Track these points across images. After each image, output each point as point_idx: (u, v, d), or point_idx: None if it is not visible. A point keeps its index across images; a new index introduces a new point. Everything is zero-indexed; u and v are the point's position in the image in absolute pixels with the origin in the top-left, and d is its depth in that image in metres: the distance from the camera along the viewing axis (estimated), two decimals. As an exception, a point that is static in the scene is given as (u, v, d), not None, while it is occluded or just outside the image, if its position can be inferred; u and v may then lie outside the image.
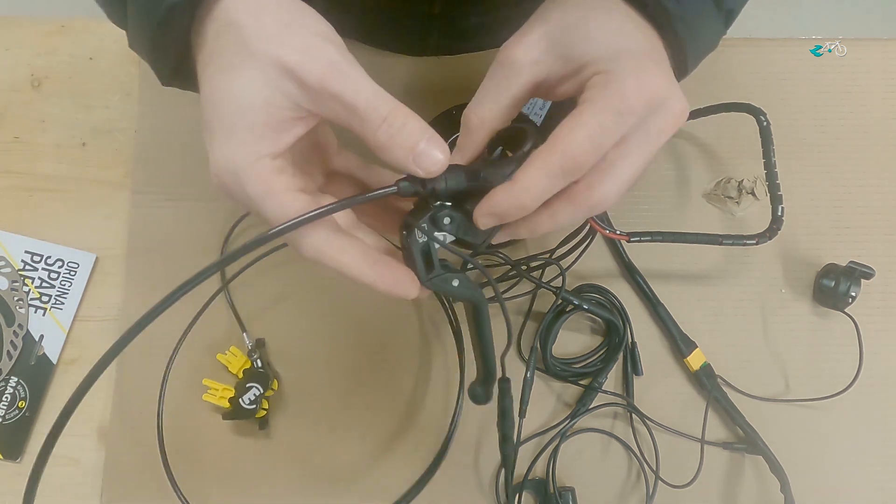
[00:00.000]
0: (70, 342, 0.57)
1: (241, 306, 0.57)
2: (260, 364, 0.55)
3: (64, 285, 0.57)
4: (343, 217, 0.36)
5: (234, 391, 0.54)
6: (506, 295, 0.57)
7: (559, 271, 0.53)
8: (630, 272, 0.58)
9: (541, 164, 0.31)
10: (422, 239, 0.34)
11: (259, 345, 0.56)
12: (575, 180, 0.32)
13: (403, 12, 0.57)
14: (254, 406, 0.53)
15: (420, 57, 0.62)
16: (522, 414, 0.51)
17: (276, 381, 0.56)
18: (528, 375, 0.52)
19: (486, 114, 0.36)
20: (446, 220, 0.34)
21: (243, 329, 0.56)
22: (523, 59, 0.34)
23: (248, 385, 0.54)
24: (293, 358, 0.57)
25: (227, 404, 0.54)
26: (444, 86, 0.61)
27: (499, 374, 0.42)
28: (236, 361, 0.55)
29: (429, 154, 0.31)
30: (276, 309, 0.58)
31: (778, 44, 0.63)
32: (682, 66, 0.38)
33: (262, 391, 0.54)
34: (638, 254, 0.58)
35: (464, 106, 0.56)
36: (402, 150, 0.31)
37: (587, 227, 0.53)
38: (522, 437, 0.56)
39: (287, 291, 0.58)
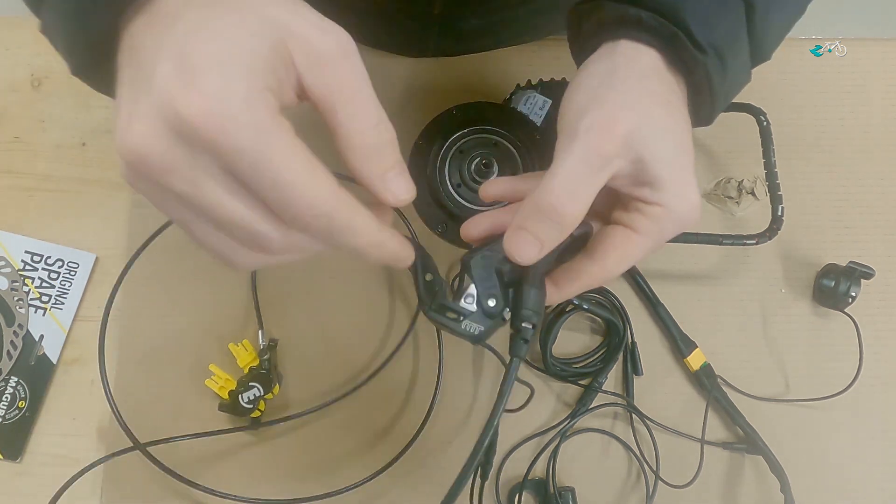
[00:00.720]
0: (70, 342, 0.57)
1: (266, 304, 0.57)
2: (267, 365, 0.55)
3: (64, 285, 0.57)
4: None
5: (235, 385, 0.54)
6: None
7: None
8: (630, 272, 0.58)
9: (587, 281, 0.35)
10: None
11: (271, 346, 0.56)
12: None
13: (403, 13, 0.57)
14: (251, 406, 0.53)
15: (419, 58, 0.62)
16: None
17: (277, 385, 0.55)
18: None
19: (579, 209, 0.32)
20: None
21: (261, 326, 0.56)
22: (613, 153, 0.32)
23: (250, 384, 0.54)
24: (301, 365, 0.57)
25: (225, 396, 0.54)
26: (444, 87, 0.61)
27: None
28: (246, 356, 0.55)
29: (404, 182, 0.29)
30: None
31: (778, 44, 0.63)
32: (705, 120, 0.38)
33: (262, 393, 0.54)
34: (638, 254, 0.58)
35: (463, 106, 0.57)
36: (381, 163, 0.29)
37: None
38: (522, 437, 0.56)
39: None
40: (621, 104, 0.32)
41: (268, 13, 0.26)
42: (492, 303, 0.33)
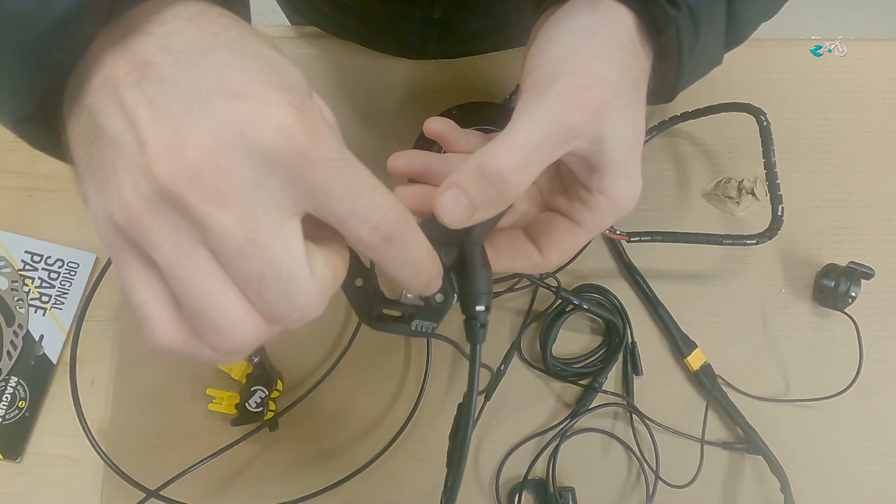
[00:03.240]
0: (70, 342, 0.57)
1: None
2: (262, 366, 0.55)
3: (64, 285, 0.57)
4: None
5: (239, 397, 0.54)
6: (505, 294, 0.57)
7: (559, 270, 0.53)
8: (630, 272, 0.58)
9: (524, 268, 0.35)
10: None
11: (259, 348, 0.56)
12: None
13: (403, 17, 0.57)
14: (261, 409, 0.53)
15: (420, 60, 0.62)
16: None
17: (279, 381, 0.56)
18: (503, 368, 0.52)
19: (526, 181, 0.29)
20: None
21: None
22: (581, 127, 0.29)
23: (252, 388, 0.54)
24: (294, 356, 0.57)
25: (234, 411, 0.54)
26: (444, 87, 0.61)
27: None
28: (238, 367, 0.55)
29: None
30: None
31: (778, 44, 0.63)
32: (666, 96, 0.36)
33: (267, 393, 0.54)
34: (638, 254, 0.58)
35: (464, 107, 0.57)
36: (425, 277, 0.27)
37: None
38: (521, 437, 0.56)
39: None
40: (599, 74, 0.29)
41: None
42: (439, 297, 0.30)
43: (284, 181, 0.23)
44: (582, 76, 0.29)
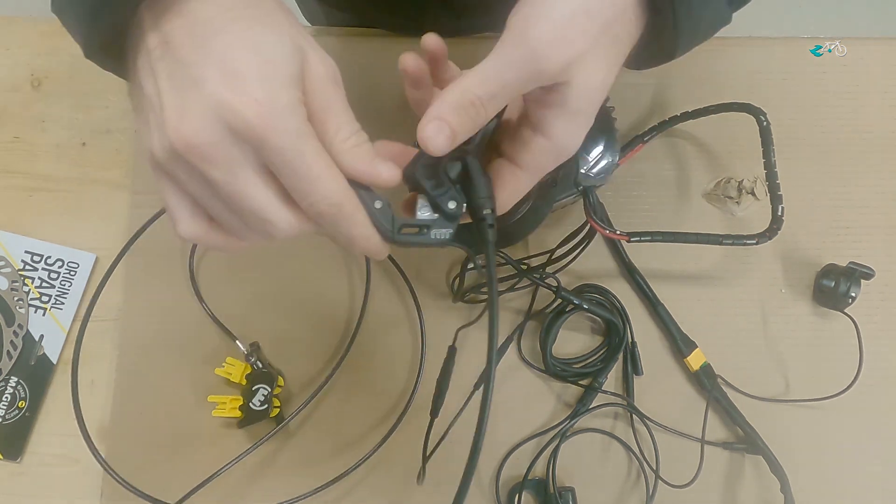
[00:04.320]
0: (70, 342, 0.57)
1: (223, 316, 0.57)
2: (261, 365, 0.55)
3: (64, 285, 0.57)
4: None
5: (242, 399, 0.54)
6: (505, 294, 0.57)
7: (559, 270, 0.53)
8: (630, 272, 0.58)
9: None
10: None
11: (255, 348, 0.56)
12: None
13: None
14: (265, 406, 0.53)
15: (418, 38, 0.61)
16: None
17: (280, 377, 0.56)
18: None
19: (496, 109, 0.34)
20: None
21: (234, 338, 0.56)
22: (552, 73, 0.32)
23: (254, 388, 0.54)
24: (291, 351, 0.57)
25: (238, 413, 0.54)
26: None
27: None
28: (236, 370, 0.55)
29: (388, 167, 0.34)
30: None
31: (778, 44, 0.63)
32: (668, 52, 0.36)
33: (269, 390, 0.54)
34: (638, 254, 0.58)
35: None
36: (367, 155, 0.33)
37: (587, 227, 0.53)
38: (522, 437, 0.56)
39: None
40: (579, 27, 0.31)
41: (296, 38, 0.31)
42: (452, 205, 0.34)
43: (254, 152, 0.30)
44: (564, 26, 0.31)
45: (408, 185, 0.35)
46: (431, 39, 0.39)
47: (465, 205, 0.35)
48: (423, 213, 0.35)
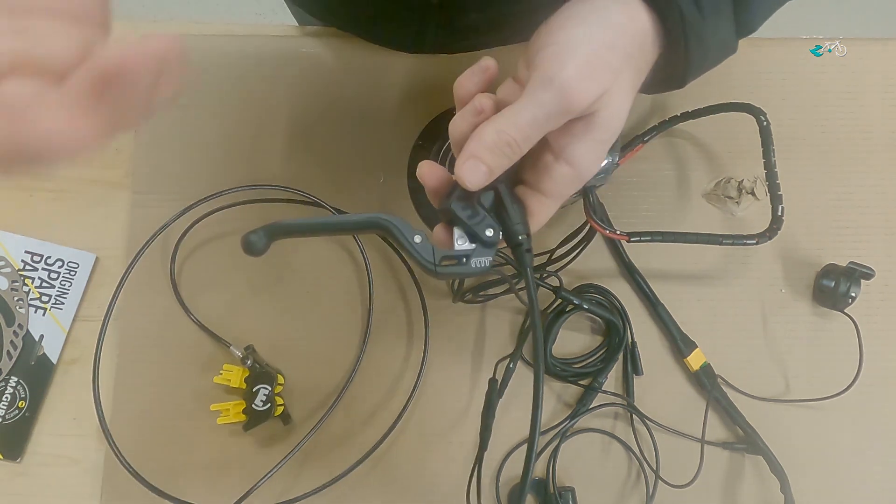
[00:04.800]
0: (70, 342, 0.57)
1: (213, 322, 0.57)
2: (259, 366, 0.55)
3: (64, 285, 0.57)
4: None
5: (244, 402, 0.54)
6: (505, 294, 0.57)
7: (559, 270, 0.53)
8: (630, 272, 0.58)
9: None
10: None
11: (250, 351, 0.56)
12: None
13: (401, 4, 0.57)
14: (268, 405, 0.53)
15: (418, 55, 0.62)
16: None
17: (280, 375, 0.56)
18: (511, 366, 0.53)
19: (529, 146, 0.34)
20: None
21: (227, 344, 0.56)
22: (581, 110, 0.33)
23: (255, 389, 0.54)
24: (286, 350, 0.57)
25: (243, 416, 0.54)
26: (444, 86, 0.61)
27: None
28: (234, 376, 0.55)
29: None
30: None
31: (778, 44, 0.63)
32: (678, 80, 0.38)
33: (270, 388, 0.54)
34: (638, 254, 0.58)
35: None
36: None
37: (587, 227, 0.53)
38: (522, 437, 0.56)
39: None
40: (604, 62, 0.33)
41: None
42: (489, 233, 0.35)
43: None
44: (590, 64, 0.32)
45: (444, 217, 0.37)
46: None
47: (500, 232, 0.36)
48: (461, 243, 0.36)
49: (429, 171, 0.38)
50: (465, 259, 0.35)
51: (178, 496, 0.53)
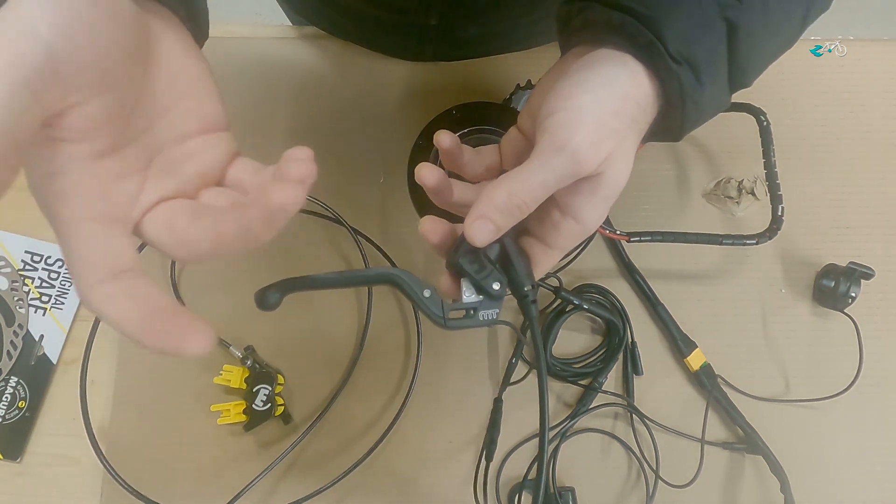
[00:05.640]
0: (70, 342, 0.57)
1: (213, 323, 0.57)
2: (259, 366, 0.55)
3: (64, 285, 0.57)
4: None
5: (244, 403, 0.54)
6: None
7: (559, 270, 0.53)
8: (630, 272, 0.58)
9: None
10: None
11: (250, 351, 0.56)
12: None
13: (401, 23, 0.57)
14: (269, 405, 0.54)
15: (418, 62, 0.62)
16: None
17: (280, 375, 0.56)
18: (514, 360, 0.54)
19: (536, 205, 0.35)
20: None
21: (227, 344, 0.56)
22: (587, 173, 0.34)
23: (255, 389, 0.54)
24: (286, 350, 0.57)
25: (243, 417, 0.54)
26: (444, 87, 0.62)
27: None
28: (234, 376, 0.55)
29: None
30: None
31: (778, 44, 0.63)
32: (673, 135, 0.39)
33: (270, 388, 0.54)
34: (638, 254, 0.58)
35: (463, 106, 0.57)
36: None
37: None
38: (522, 437, 0.56)
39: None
40: (610, 129, 0.34)
41: None
42: (496, 286, 0.36)
43: None
44: (598, 131, 0.34)
45: (451, 270, 0.37)
46: (444, 138, 0.40)
47: (506, 284, 0.37)
48: (468, 295, 0.36)
49: (429, 173, 0.38)
50: (472, 311, 0.36)
51: (179, 496, 0.53)
